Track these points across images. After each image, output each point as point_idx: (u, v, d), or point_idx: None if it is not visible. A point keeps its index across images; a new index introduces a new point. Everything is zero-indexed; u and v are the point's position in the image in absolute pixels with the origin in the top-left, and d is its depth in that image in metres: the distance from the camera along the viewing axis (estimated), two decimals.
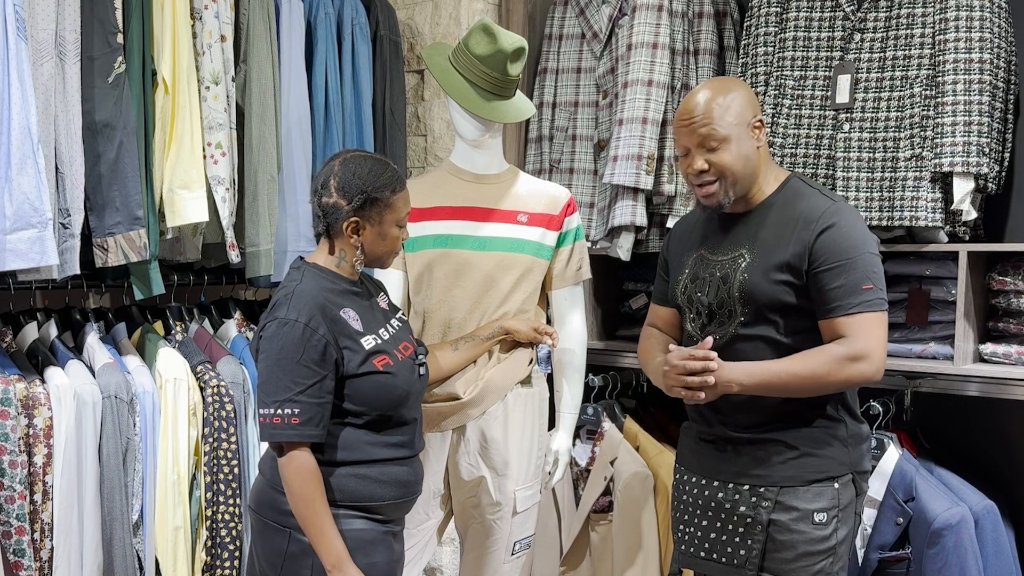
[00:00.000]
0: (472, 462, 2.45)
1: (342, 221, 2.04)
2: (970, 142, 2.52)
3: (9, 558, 2.29)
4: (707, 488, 2.21)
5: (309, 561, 1.99)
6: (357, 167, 2.05)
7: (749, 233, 2.16)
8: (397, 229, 2.10)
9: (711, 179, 2.12)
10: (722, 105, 2.10)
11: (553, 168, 3.27)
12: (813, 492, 2.09)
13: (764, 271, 2.09)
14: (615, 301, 3.39)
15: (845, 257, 2.04)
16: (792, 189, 2.18)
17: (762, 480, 2.12)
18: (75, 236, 2.44)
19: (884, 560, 2.48)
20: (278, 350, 1.96)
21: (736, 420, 2.16)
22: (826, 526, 2.09)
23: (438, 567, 3.32)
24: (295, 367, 1.95)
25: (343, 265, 2.10)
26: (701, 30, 3.04)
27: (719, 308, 2.15)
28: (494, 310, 2.42)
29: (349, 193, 2.03)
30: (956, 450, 2.83)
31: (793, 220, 2.10)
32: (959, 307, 2.56)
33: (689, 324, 2.24)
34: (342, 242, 2.08)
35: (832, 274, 2.04)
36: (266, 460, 2.08)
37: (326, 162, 2.11)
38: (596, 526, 2.95)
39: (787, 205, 2.14)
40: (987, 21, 2.53)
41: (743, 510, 2.13)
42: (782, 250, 2.09)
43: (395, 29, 3.22)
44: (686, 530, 2.26)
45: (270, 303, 2.04)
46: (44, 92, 2.34)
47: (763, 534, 2.10)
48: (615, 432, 2.96)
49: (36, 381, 2.40)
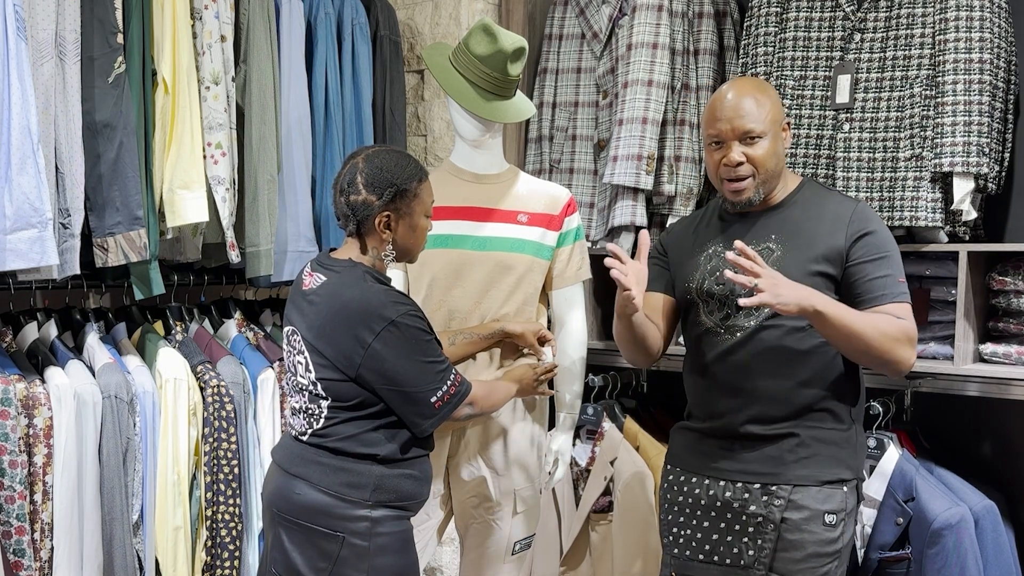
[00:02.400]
0: (472, 462, 2.45)
1: (374, 217, 2.05)
2: (970, 142, 2.52)
3: (9, 558, 2.29)
4: (711, 488, 2.18)
5: (365, 564, 2.01)
6: (383, 161, 2.07)
7: (774, 228, 2.17)
8: (425, 219, 2.13)
9: (745, 174, 2.13)
10: (761, 102, 2.13)
11: (553, 168, 3.27)
12: (825, 493, 2.09)
13: (799, 264, 2.10)
14: (615, 301, 3.39)
15: (884, 251, 2.10)
16: (811, 190, 2.23)
17: (775, 478, 2.11)
18: (75, 236, 2.44)
19: (884, 560, 2.48)
20: (408, 344, 2.00)
21: (753, 414, 2.13)
22: (835, 528, 2.09)
23: (438, 567, 3.32)
24: (427, 346, 2.03)
25: (377, 264, 2.12)
26: (701, 30, 3.04)
27: (736, 299, 2.13)
28: (496, 310, 2.42)
29: (379, 188, 2.04)
30: (956, 450, 2.83)
31: (824, 217, 2.14)
32: (959, 307, 2.56)
33: (705, 316, 2.21)
34: (373, 239, 2.09)
35: (875, 264, 2.08)
36: (312, 468, 2.06)
37: (346, 161, 2.12)
38: (596, 526, 2.95)
39: (811, 204, 2.18)
40: (987, 21, 2.53)
41: (754, 509, 2.11)
42: (818, 244, 2.11)
43: (395, 29, 3.22)
44: (681, 533, 2.24)
45: (347, 307, 2.01)
46: (44, 92, 2.34)
47: (775, 532, 2.09)
48: (615, 432, 2.96)
49: (36, 381, 2.40)
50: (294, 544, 2.05)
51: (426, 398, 2.03)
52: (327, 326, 2.02)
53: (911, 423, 2.78)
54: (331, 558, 2.01)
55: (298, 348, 2.09)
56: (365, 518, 2.02)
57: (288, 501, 2.07)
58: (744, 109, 2.11)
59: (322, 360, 2.03)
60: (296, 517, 2.05)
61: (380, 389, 2.02)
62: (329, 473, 2.03)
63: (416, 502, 2.13)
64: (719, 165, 2.16)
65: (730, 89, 2.16)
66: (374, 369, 2.00)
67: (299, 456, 2.08)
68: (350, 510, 2.02)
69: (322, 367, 2.04)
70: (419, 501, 2.14)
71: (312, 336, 2.05)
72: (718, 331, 2.18)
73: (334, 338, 2.01)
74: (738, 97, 2.13)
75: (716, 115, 2.14)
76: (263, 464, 2.70)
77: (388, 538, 2.05)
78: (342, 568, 2.01)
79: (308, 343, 2.06)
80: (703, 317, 2.22)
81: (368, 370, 2.00)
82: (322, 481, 2.03)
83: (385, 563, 2.04)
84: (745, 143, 2.12)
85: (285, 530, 2.07)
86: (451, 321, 2.42)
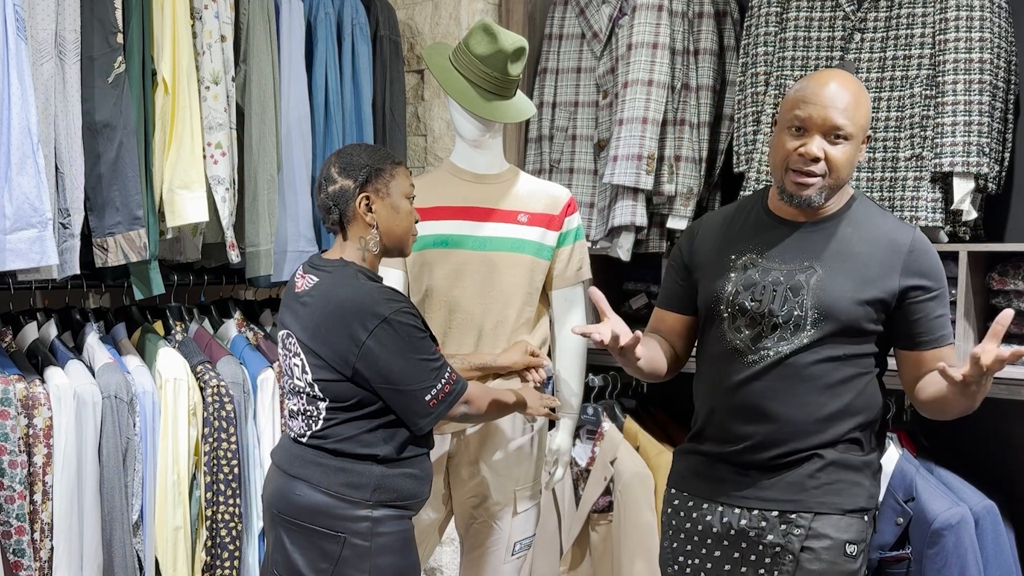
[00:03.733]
0: (473, 462, 2.45)
1: (353, 199, 2.07)
2: (970, 142, 2.52)
3: (9, 558, 2.29)
4: (724, 515, 2.03)
5: (366, 564, 2.02)
6: (353, 150, 2.13)
7: (818, 245, 1.99)
8: (407, 202, 2.13)
9: (819, 172, 1.94)
10: (860, 103, 1.94)
11: (553, 168, 3.27)
12: (846, 522, 1.97)
13: (847, 289, 1.95)
14: (615, 301, 3.38)
15: (940, 286, 1.98)
16: (863, 207, 2.04)
17: (796, 505, 1.97)
18: (75, 236, 2.44)
19: (884, 560, 2.47)
20: (401, 342, 2.00)
21: (775, 443, 1.99)
22: (855, 559, 1.97)
23: (438, 567, 3.32)
24: (421, 343, 2.03)
25: (367, 256, 2.12)
26: (701, 30, 3.04)
27: (785, 320, 1.97)
28: (496, 311, 2.42)
29: (353, 171, 2.08)
30: (956, 450, 2.83)
31: (878, 242, 1.98)
32: (959, 307, 2.56)
33: (731, 332, 2.03)
34: (357, 226, 2.10)
35: (935, 304, 1.97)
36: (312, 469, 2.06)
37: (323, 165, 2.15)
38: (596, 526, 2.95)
39: (861, 224, 2.00)
40: (987, 21, 2.53)
41: (771, 538, 1.97)
42: (871, 271, 1.95)
43: (395, 29, 3.22)
44: (688, 563, 2.09)
45: (340, 306, 2.01)
46: (44, 92, 2.34)
47: (793, 563, 1.94)
48: (615, 432, 2.96)
49: (36, 381, 2.40)
50: (295, 545, 2.05)
51: (421, 396, 2.03)
52: (321, 326, 2.03)
53: (911, 423, 2.78)
54: (333, 559, 2.01)
55: (294, 351, 2.09)
56: (366, 518, 2.02)
57: (288, 502, 2.07)
58: (842, 103, 1.91)
59: (318, 361, 2.04)
60: (297, 518, 2.05)
61: (376, 387, 2.02)
62: (329, 474, 2.04)
63: (417, 501, 2.13)
64: (792, 153, 1.95)
65: (833, 78, 1.94)
66: (369, 367, 2.00)
67: (299, 457, 2.08)
68: (351, 510, 2.02)
69: (318, 368, 2.04)
70: (420, 500, 2.14)
71: (307, 337, 2.05)
72: (746, 351, 2.00)
73: (329, 338, 2.02)
74: (840, 88, 1.92)
75: (809, 99, 1.93)
76: (263, 464, 2.70)
77: (389, 538, 2.05)
78: (344, 568, 2.01)
79: (303, 344, 2.06)
80: (729, 334, 2.03)
81: (363, 368, 2.00)
82: (322, 482, 2.03)
83: (387, 563, 2.04)
84: (829, 139, 1.92)
85: (286, 531, 2.07)
86: (451, 322, 2.42)
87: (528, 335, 2.47)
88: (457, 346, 2.42)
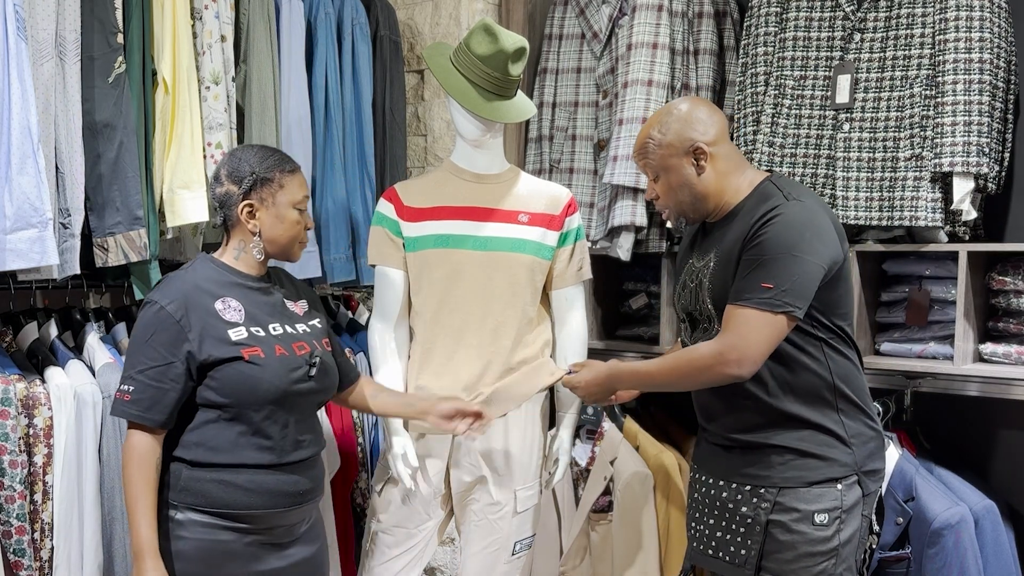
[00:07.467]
0: (473, 462, 2.45)
1: (236, 206, 2.08)
2: (970, 142, 2.53)
3: (9, 558, 2.29)
4: (714, 487, 2.22)
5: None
6: (243, 154, 2.12)
7: (716, 239, 2.16)
8: (295, 212, 2.12)
9: (661, 207, 2.24)
10: (655, 139, 2.15)
11: (553, 168, 3.27)
12: (814, 493, 2.08)
13: (724, 276, 2.09)
14: (615, 301, 3.39)
15: (763, 255, 2.00)
16: (759, 193, 2.12)
17: (762, 481, 2.12)
18: (75, 236, 2.44)
19: (884, 560, 2.48)
20: (137, 329, 2.03)
21: (730, 423, 2.17)
22: (827, 527, 2.08)
23: (438, 567, 3.32)
24: (144, 346, 2.00)
25: (243, 257, 2.13)
26: (701, 30, 3.04)
27: (699, 316, 2.18)
28: (497, 311, 2.42)
29: (238, 177, 2.08)
30: (956, 450, 2.84)
31: (748, 224, 2.06)
32: (959, 307, 2.56)
33: (684, 333, 2.28)
34: (240, 231, 2.12)
35: (744, 265, 2.03)
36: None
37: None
38: (596, 526, 2.95)
39: (750, 210, 2.09)
40: (987, 21, 2.53)
41: (744, 510, 2.14)
42: (735, 250, 2.07)
43: (395, 29, 3.22)
44: (696, 527, 2.28)
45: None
46: (44, 92, 2.34)
47: (762, 535, 2.10)
48: (615, 432, 2.96)
49: (36, 381, 2.39)
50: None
51: (119, 385, 2.03)
52: None
53: (911, 423, 2.78)
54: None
55: None
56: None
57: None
58: (640, 152, 2.19)
59: None
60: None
61: None
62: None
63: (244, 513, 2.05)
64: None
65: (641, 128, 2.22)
66: None
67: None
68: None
69: None
70: (250, 513, 2.05)
71: None
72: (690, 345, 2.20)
73: None
74: (640, 138, 2.19)
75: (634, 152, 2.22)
76: None
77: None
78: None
79: None
80: (683, 334, 2.29)
81: None
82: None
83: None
84: (653, 180, 2.20)
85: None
86: (452, 321, 2.42)
87: (529, 335, 2.47)
88: (458, 346, 2.42)
